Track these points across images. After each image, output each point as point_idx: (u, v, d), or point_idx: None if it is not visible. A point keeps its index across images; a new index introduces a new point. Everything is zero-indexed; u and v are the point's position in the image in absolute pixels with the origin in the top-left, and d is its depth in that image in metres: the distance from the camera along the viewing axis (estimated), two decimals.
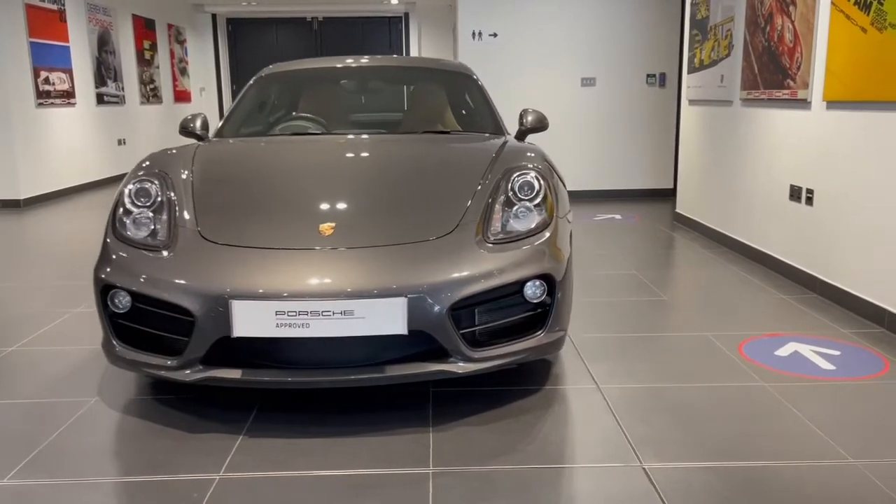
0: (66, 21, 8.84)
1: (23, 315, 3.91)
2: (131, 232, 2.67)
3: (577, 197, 8.05)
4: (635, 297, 4.15)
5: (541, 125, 4.03)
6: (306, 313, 2.33)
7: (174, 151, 3.15)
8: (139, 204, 2.75)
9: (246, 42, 14.27)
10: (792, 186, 4.47)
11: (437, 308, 2.41)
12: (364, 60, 4.26)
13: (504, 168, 2.95)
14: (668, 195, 8.04)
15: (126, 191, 2.79)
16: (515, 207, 2.78)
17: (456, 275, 2.47)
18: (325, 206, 2.73)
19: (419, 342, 2.48)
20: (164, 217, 2.69)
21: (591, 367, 3.07)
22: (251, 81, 4.20)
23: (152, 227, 2.68)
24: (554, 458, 2.30)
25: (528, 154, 3.15)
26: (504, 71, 7.86)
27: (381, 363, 2.48)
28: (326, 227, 2.59)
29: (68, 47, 8.87)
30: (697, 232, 6.12)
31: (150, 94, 11.53)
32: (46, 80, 8.32)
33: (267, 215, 2.69)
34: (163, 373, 2.49)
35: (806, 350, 3.27)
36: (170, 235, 2.62)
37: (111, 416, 2.63)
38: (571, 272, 2.91)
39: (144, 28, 11.27)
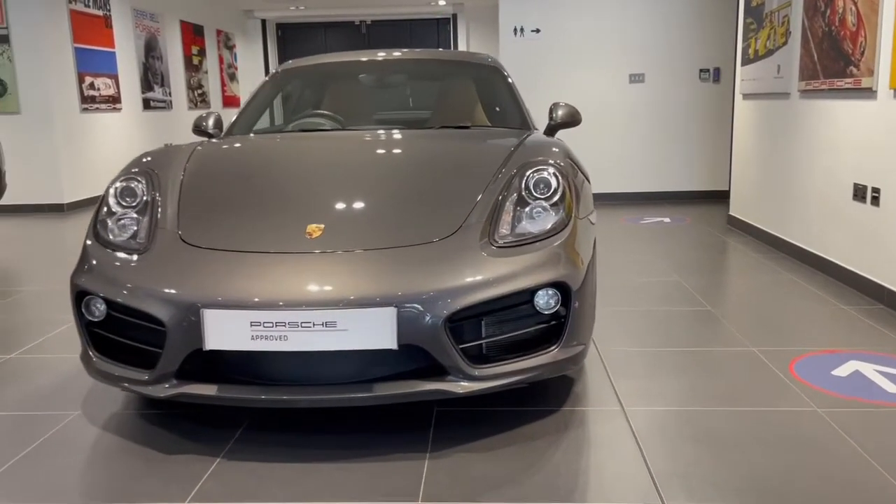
0: (111, 27, 8.91)
1: (36, 320, 3.80)
2: (112, 234, 2.48)
3: (624, 199, 7.67)
4: (676, 307, 3.79)
5: (572, 120, 3.73)
6: (284, 324, 2.09)
7: (171, 149, 2.96)
8: (124, 204, 2.57)
9: (295, 46, 14.28)
10: (855, 185, 4.03)
11: (431, 320, 2.14)
12: (385, 54, 4.03)
13: (519, 164, 2.66)
14: (724, 197, 7.57)
15: (111, 190, 2.61)
16: (529, 207, 2.49)
17: (454, 282, 2.19)
18: (315, 207, 2.49)
19: (415, 358, 2.22)
20: (146, 218, 2.49)
21: (617, 386, 2.75)
22: (267, 77, 4.03)
23: (134, 228, 2.49)
24: (561, 494, 2.00)
25: (549, 149, 2.85)
26: (547, 68, 7.54)
27: (370, 381, 2.23)
28: (314, 229, 2.35)
29: (114, 53, 8.94)
30: (751, 236, 5.68)
31: (198, 98, 11.59)
32: (91, 86, 8.39)
33: (254, 216, 2.47)
34: (137, 388, 2.28)
35: (868, 370, 2.87)
36: (149, 238, 2.42)
37: (88, 433, 2.44)
38: (594, 279, 2.60)
39: (193, 34, 11.34)
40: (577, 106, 7.71)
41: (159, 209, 2.51)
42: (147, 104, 9.83)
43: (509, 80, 3.91)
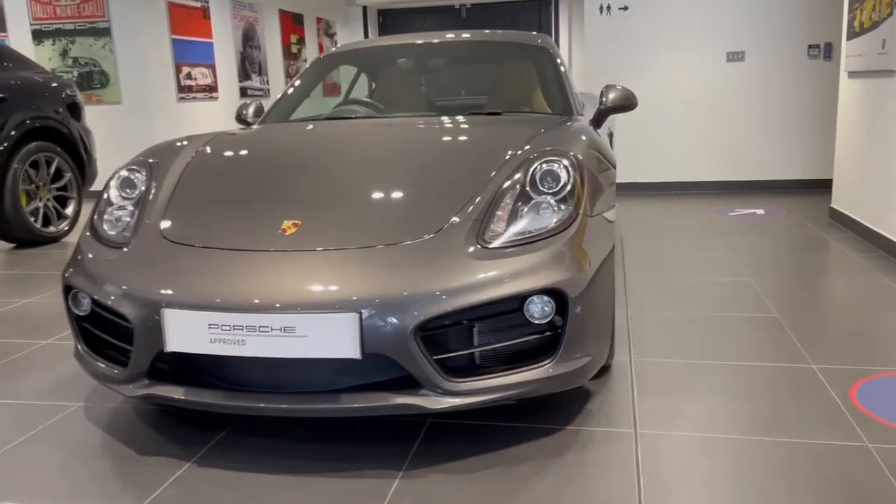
0: (209, 18, 9.19)
1: None
2: (107, 227, 2.45)
3: (716, 189, 7.12)
4: (737, 312, 3.40)
5: (626, 104, 3.41)
6: (241, 328, 1.97)
7: (186, 139, 2.92)
8: (124, 196, 2.53)
9: (396, 32, 14.30)
10: None
11: (399, 328, 1.95)
12: (430, 37, 3.84)
13: (529, 155, 2.41)
14: (830, 187, 6.87)
15: (112, 181, 2.58)
16: (533, 203, 2.25)
17: (427, 287, 1.99)
18: (296, 201, 2.35)
19: (392, 368, 2.04)
20: (138, 211, 2.44)
21: (638, 404, 2.46)
22: (308, 65, 3.94)
23: (128, 221, 2.44)
24: None
25: (569, 138, 2.59)
26: (635, 48, 7.07)
27: (338, 391, 2.07)
28: (289, 226, 2.21)
29: (211, 43, 9.23)
30: (853, 232, 5.07)
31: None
32: (188, 76, 8.69)
33: (236, 211, 2.36)
34: (113, 385, 2.24)
35: None
36: (135, 232, 2.37)
37: (79, 427, 2.43)
38: (609, 283, 2.34)
39: (292, 22, 11.55)
40: (668, 88, 7.29)
41: (151, 202, 2.46)
42: (244, 93, 10.10)
43: (558, 61, 3.63)
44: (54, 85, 5.89)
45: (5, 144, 5.32)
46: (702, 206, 6.34)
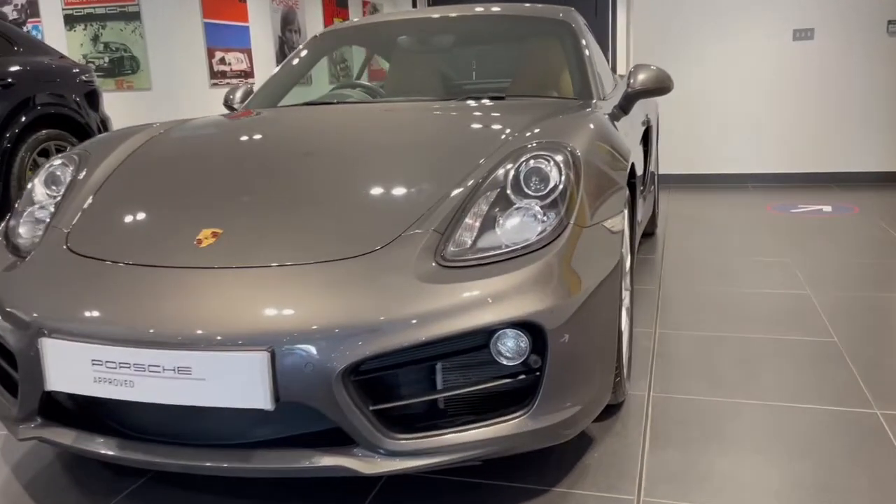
0: (245, 0, 8.91)
1: None
2: (23, 229, 2.10)
3: (777, 182, 6.44)
4: (789, 335, 2.85)
5: (659, 86, 2.90)
6: (129, 366, 1.57)
7: (139, 128, 2.55)
8: (49, 193, 2.18)
9: None
10: None
11: (324, 370, 1.53)
12: (441, 12, 3.39)
13: (514, 149, 1.95)
14: None
15: (39, 175, 2.23)
16: (513, 208, 1.79)
17: (361, 318, 1.56)
18: (221, 205, 1.94)
19: (322, 416, 1.62)
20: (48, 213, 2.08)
21: (649, 458, 1.97)
22: (302, 45, 3.55)
23: (47, 223, 2.08)
24: None
25: (569, 129, 2.11)
26: (688, 28, 6.43)
27: (255, 444, 1.66)
28: (207, 235, 1.80)
29: (247, 27, 8.95)
30: None
31: (341, 73, 11.48)
32: (222, 61, 8.44)
33: (156, 216, 1.96)
34: (6, 423, 1.88)
35: None
36: (42, 238, 2.01)
37: (19, 450, 2.10)
38: (606, 310, 1.86)
39: (336, 6, 11.21)
40: (726, 69, 6.59)
41: (67, 203, 2.09)
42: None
43: (580, 38, 3.12)
44: (70, 71, 5.67)
45: (15, 130, 5.11)
46: (759, 202, 5.70)
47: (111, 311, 1.63)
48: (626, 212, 2.14)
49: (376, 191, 1.93)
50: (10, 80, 5.12)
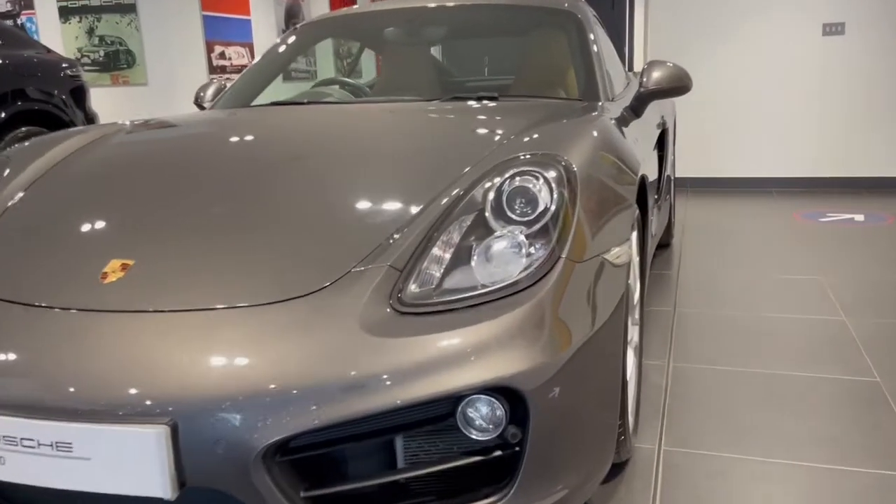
0: None
1: None
2: None
3: (804, 186, 6.03)
4: (822, 372, 2.48)
5: (675, 85, 2.54)
6: None
7: (85, 129, 2.24)
8: None
9: None
10: None
11: (240, 449, 1.20)
12: (431, 3, 3.05)
13: (497, 164, 1.60)
14: None
15: None
16: (492, 238, 1.45)
17: (291, 381, 1.23)
18: (141, 228, 1.61)
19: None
20: None
21: None
22: (284, 35, 3.23)
23: None
24: None
25: (567, 135, 1.77)
26: (710, 22, 6.03)
27: None
28: (116, 267, 1.47)
29: (249, 20, 8.64)
30: None
31: (347, 69, 11.15)
32: (222, 55, 8.14)
33: (61, 242, 1.63)
34: None
35: None
36: None
37: None
38: (606, 364, 1.53)
39: None
40: (750, 65, 6.16)
41: None
42: (288, 75, 9.49)
43: (588, 31, 2.76)
44: (55, 65, 5.38)
45: None
46: (785, 209, 5.30)
47: None
48: (633, 237, 1.80)
49: (327, 214, 1.58)
50: None
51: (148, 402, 1.20)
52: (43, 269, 1.53)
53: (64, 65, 5.48)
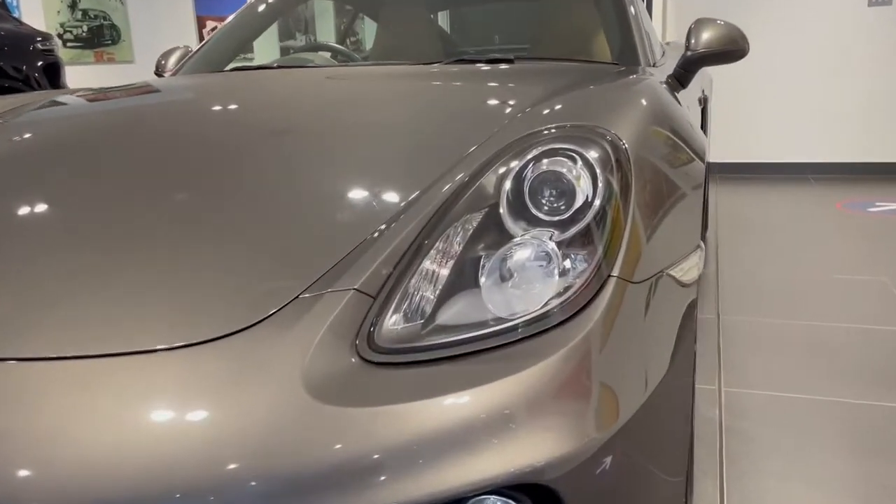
0: None
1: None
2: None
3: (846, 173, 5.53)
4: (879, 399, 2.02)
5: (730, 48, 2.06)
6: None
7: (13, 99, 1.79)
8: None
9: None
10: None
11: None
12: None
13: (513, 139, 1.15)
14: None
15: None
16: (513, 243, 0.99)
17: (187, 476, 0.77)
18: (9, 233, 1.15)
19: None
20: None
21: None
22: None
23: None
24: None
25: (609, 102, 1.32)
26: None
27: None
28: None
29: None
30: None
31: (352, 47, 10.66)
32: (214, 31, 7.68)
33: None
34: None
35: None
36: None
37: None
38: (678, 435, 1.07)
39: None
40: (788, 39, 5.62)
41: None
42: (287, 52, 9.02)
43: None
44: (26, 39, 4.94)
45: None
46: (826, 198, 4.81)
47: None
48: (703, 246, 1.34)
49: (278, 211, 1.12)
50: None
51: None
52: None
53: (37, 39, 5.03)
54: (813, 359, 2.31)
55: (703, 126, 2.90)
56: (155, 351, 0.88)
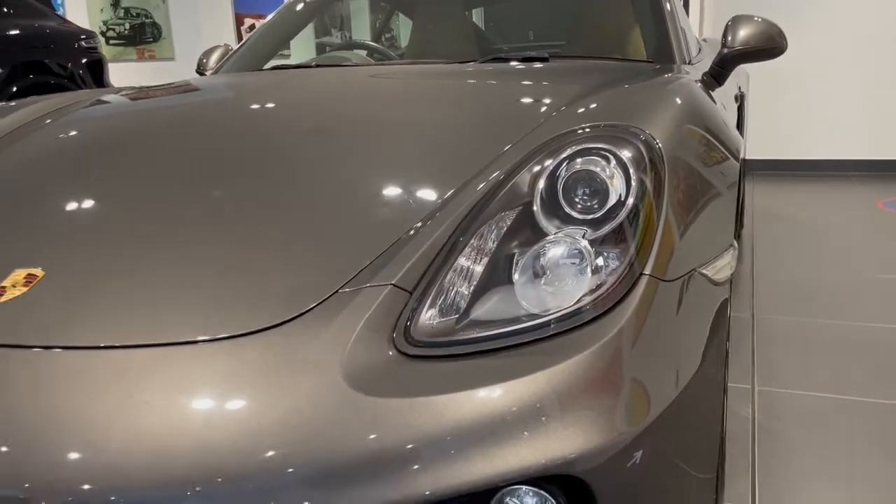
0: None
1: None
2: None
3: (891, 170, 5.41)
4: None
5: (768, 45, 2.04)
6: None
7: (54, 98, 1.86)
8: None
9: None
10: None
11: None
12: None
13: (547, 139, 1.17)
14: None
15: None
16: (547, 241, 1.01)
17: (230, 463, 0.81)
18: (62, 230, 1.20)
19: None
20: None
21: None
22: None
23: None
24: None
25: (644, 101, 1.33)
26: None
27: None
28: (18, 280, 1.06)
29: None
30: None
31: (387, 44, 10.72)
32: (252, 28, 7.78)
33: None
34: None
35: None
36: None
37: None
38: (708, 427, 1.10)
39: None
40: (830, 30, 5.50)
41: None
42: (322, 49, 9.10)
43: None
44: (70, 37, 5.07)
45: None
46: (867, 196, 4.72)
47: None
48: (736, 245, 1.34)
49: (318, 208, 1.16)
50: None
51: (24, 491, 0.80)
52: None
53: (81, 36, 5.16)
54: (849, 359, 2.28)
55: (740, 124, 2.88)
56: (199, 342, 0.92)
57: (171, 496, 0.79)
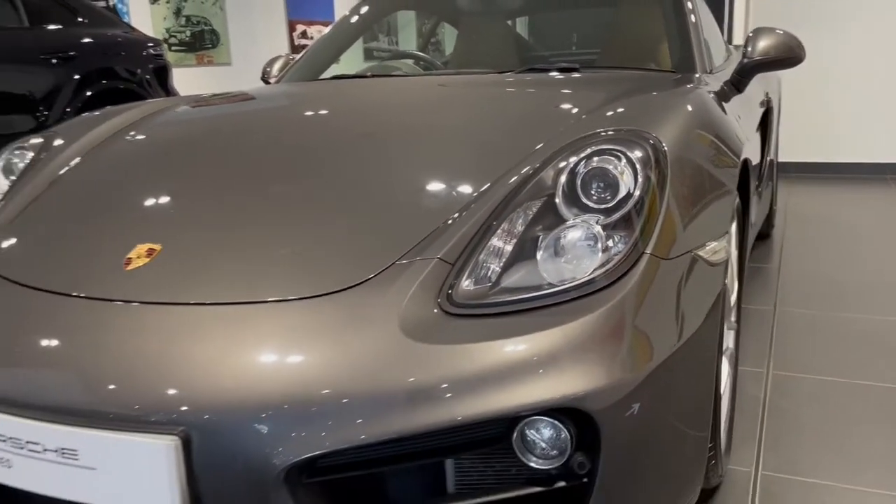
0: None
1: None
2: None
3: None
4: None
5: (785, 56, 2.24)
6: (4, 438, 1.14)
7: (126, 108, 2.14)
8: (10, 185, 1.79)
9: None
10: None
11: (260, 466, 1.04)
12: None
13: (570, 142, 1.38)
14: None
15: None
16: (566, 225, 1.23)
17: (317, 392, 1.05)
18: (172, 212, 1.47)
19: None
20: None
21: None
22: (356, 5, 3.06)
23: None
24: None
25: (657, 109, 1.53)
26: None
27: None
28: (141, 253, 1.32)
29: (331, 0, 8.58)
30: None
31: (432, 48, 10.98)
32: (304, 34, 8.10)
33: (90, 225, 1.51)
34: None
35: None
36: None
37: None
38: (703, 382, 1.31)
39: None
40: (867, 38, 5.57)
41: (9, 201, 1.68)
42: (369, 54, 9.40)
43: None
44: (138, 44, 5.43)
45: (77, 105, 4.90)
46: None
47: None
48: (733, 229, 1.54)
49: (376, 198, 1.40)
50: (71, 52, 4.90)
51: (158, 410, 1.06)
52: (70, 252, 1.41)
53: (148, 44, 5.52)
54: (866, 349, 2.43)
55: (765, 128, 3.03)
56: (287, 300, 1.17)
57: (251, 416, 1.03)
